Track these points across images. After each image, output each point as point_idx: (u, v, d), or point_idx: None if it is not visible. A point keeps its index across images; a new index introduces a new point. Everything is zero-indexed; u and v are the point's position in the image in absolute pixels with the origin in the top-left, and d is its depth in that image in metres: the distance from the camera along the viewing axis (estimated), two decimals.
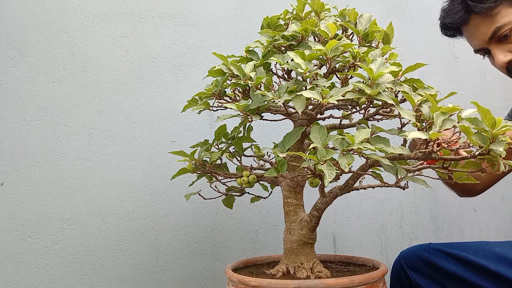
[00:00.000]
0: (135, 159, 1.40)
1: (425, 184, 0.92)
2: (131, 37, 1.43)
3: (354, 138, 0.81)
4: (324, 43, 0.97)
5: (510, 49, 1.14)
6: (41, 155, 1.30)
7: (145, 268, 1.39)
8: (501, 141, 0.76)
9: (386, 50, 0.94)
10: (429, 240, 1.88)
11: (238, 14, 1.59)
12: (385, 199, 1.80)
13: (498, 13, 1.12)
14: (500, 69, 1.20)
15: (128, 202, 1.38)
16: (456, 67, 2.05)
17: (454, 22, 1.19)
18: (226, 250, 1.49)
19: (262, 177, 1.09)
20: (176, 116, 1.45)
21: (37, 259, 1.28)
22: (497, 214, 2.10)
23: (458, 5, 1.17)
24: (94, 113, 1.37)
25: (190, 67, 1.50)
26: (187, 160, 1.08)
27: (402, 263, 1.19)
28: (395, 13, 1.91)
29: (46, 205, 1.30)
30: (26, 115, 1.30)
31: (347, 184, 0.96)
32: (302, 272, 1.01)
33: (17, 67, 1.30)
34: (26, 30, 1.31)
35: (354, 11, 1.01)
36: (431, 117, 0.83)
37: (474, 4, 1.13)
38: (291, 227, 1.04)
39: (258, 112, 0.94)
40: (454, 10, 1.18)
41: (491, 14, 1.12)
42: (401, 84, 0.90)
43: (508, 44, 1.14)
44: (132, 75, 1.42)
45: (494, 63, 1.20)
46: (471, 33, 1.20)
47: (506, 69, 1.17)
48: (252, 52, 1.02)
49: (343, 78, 0.94)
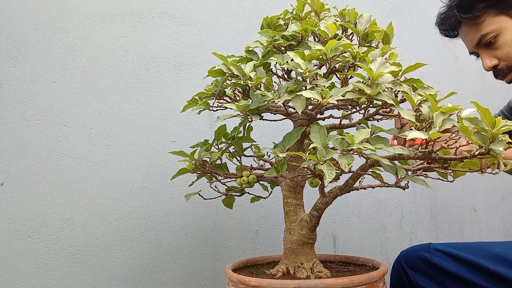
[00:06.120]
0: (135, 159, 1.40)
1: (425, 184, 0.92)
2: (131, 37, 1.43)
3: (354, 138, 0.81)
4: (324, 43, 0.97)
5: (495, 55, 1.20)
6: (41, 155, 1.30)
7: (145, 268, 1.39)
8: (500, 140, 0.76)
9: (386, 50, 0.94)
10: (429, 240, 1.88)
11: (238, 14, 1.59)
12: (385, 199, 1.80)
13: (483, 22, 1.17)
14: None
15: (128, 202, 1.38)
16: (456, 67, 2.05)
17: (446, 29, 1.26)
18: (226, 250, 1.49)
19: (262, 177, 1.09)
20: (176, 116, 1.45)
21: (37, 259, 1.28)
22: (497, 214, 2.10)
23: (450, 12, 1.22)
24: (94, 113, 1.37)
25: (190, 67, 1.50)
26: (187, 160, 1.08)
27: (402, 263, 1.19)
28: (395, 13, 1.91)
29: (46, 205, 1.30)
30: (26, 115, 1.30)
31: (347, 184, 0.96)
32: (302, 272, 1.01)
33: (17, 67, 1.30)
34: (26, 30, 1.31)
35: (354, 11, 1.01)
36: (430, 117, 0.83)
37: (459, 15, 1.19)
38: (291, 227, 1.04)
39: (258, 112, 0.94)
40: (447, 17, 1.23)
41: (477, 23, 1.18)
42: (401, 84, 0.90)
43: (494, 50, 1.19)
44: (132, 75, 1.42)
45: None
46: (462, 38, 1.26)
47: (492, 73, 1.23)
48: (252, 52, 1.02)
49: (343, 78, 0.94)
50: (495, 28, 1.17)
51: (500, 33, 1.17)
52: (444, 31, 1.28)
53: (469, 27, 1.20)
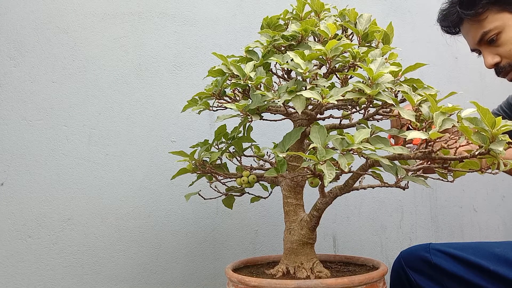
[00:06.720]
0: (135, 159, 1.40)
1: (425, 184, 0.92)
2: (131, 37, 1.43)
3: (354, 138, 0.81)
4: (324, 43, 0.97)
5: (497, 52, 1.19)
6: (41, 155, 1.30)
7: (145, 268, 1.39)
8: (500, 140, 0.76)
9: (386, 50, 0.94)
10: (429, 240, 1.88)
11: (238, 14, 1.59)
12: (385, 199, 1.80)
13: (485, 18, 1.16)
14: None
15: (128, 202, 1.38)
16: (456, 67, 2.05)
17: (448, 26, 1.25)
18: (226, 250, 1.49)
19: (262, 177, 1.09)
20: (176, 116, 1.45)
21: (37, 259, 1.28)
22: (497, 214, 2.10)
23: (453, 8, 1.21)
24: (94, 113, 1.37)
25: (190, 67, 1.50)
26: (187, 160, 1.08)
27: (402, 263, 1.19)
28: (395, 13, 1.91)
29: (46, 205, 1.30)
30: (26, 115, 1.30)
31: (347, 184, 0.96)
32: (302, 272, 1.01)
33: (17, 67, 1.30)
34: (26, 30, 1.31)
35: (354, 11, 1.01)
36: (430, 117, 0.83)
37: (461, 11, 1.18)
38: (291, 227, 1.04)
39: (258, 112, 0.94)
40: (449, 13, 1.22)
41: (479, 20, 1.17)
42: (401, 84, 0.90)
43: (496, 47, 1.18)
44: (132, 75, 1.42)
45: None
46: (464, 35, 1.25)
47: (494, 70, 1.22)
48: (252, 52, 1.02)
49: (343, 78, 0.93)
50: (498, 25, 1.16)
51: (503, 30, 1.16)
52: (445, 28, 1.27)
53: (471, 24, 1.19)
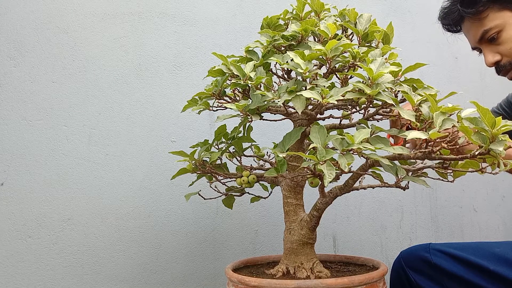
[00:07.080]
0: (135, 159, 1.40)
1: (425, 184, 0.92)
2: (131, 37, 1.43)
3: (354, 138, 0.81)
4: (324, 43, 0.97)
5: (498, 51, 1.19)
6: (41, 155, 1.30)
7: (145, 268, 1.39)
8: (500, 140, 0.76)
9: (386, 50, 0.94)
10: (429, 240, 1.88)
11: (238, 14, 1.59)
12: (385, 199, 1.80)
13: (486, 17, 1.16)
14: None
15: (128, 202, 1.38)
16: (456, 67, 2.05)
17: (449, 24, 1.25)
18: (226, 250, 1.49)
19: (262, 177, 1.09)
20: (176, 116, 1.45)
21: (37, 259, 1.28)
22: (497, 214, 2.10)
23: (454, 7, 1.21)
24: (94, 113, 1.37)
25: (190, 67, 1.50)
26: (187, 160, 1.08)
27: (402, 263, 1.19)
28: (395, 13, 1.91)
29: (46, 205, 1.30)
30: (26, 115, 1.30)
31: (347, 184, 0.96)
32: (302, 272, 1.01)
33: (17, 67, 1.30)
34: (26, 30, 1.31)
35: (354, 11, 1.01)
36: (430, 117, 0.83)
37: (462, 9, 1.18)
38: (291, 227, 1.04)
39: (258, 112, 0.94)
40: (450, 11, 1.22)
41: (480, 18, 1.17)
42: (401, 84, 0.90)
43: (497, 45, 1.18)
44: (132, 75, 1.42)
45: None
46: (465, 33, 1.25)
47: (494, 68, 1.22)
48: (252, 52, 1.02)
49: (343, 78, 0.93)
50: (499, 23, 1.16)
51: (504, 29, 1.16)
52: (446, 26, 1.27)
53: (472, 22, 1.19)
